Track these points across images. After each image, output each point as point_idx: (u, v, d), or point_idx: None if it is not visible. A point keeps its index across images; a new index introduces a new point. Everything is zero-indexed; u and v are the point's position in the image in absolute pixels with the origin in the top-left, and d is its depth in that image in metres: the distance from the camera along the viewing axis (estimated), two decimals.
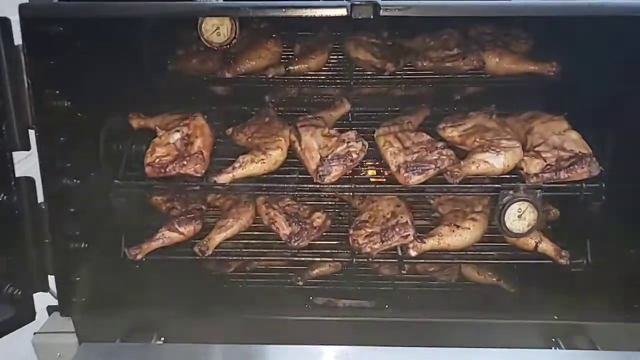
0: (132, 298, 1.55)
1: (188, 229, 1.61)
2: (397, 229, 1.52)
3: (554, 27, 1.66)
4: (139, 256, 1.56)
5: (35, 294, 1.43)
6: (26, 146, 1.33)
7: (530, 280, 1.66)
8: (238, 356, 1.38)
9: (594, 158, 1.47)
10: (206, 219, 1.70)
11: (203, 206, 1.74)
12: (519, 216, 1.47)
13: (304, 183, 1.55)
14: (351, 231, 1.59)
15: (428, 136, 1.58)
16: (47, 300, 1.51)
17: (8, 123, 1.29)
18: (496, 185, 1.50)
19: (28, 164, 1.40)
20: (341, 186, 1.53)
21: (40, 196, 1.38)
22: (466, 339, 1.46)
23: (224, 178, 1.50)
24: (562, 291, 1.55)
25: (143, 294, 1.56)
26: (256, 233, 1.72)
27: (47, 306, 1.57)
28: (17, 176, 1.34)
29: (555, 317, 1.45)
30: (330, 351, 1.37)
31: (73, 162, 1.44)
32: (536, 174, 1.47)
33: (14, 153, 1.33)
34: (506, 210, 1.46)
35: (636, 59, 1.38)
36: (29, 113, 1.30)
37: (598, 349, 1.39)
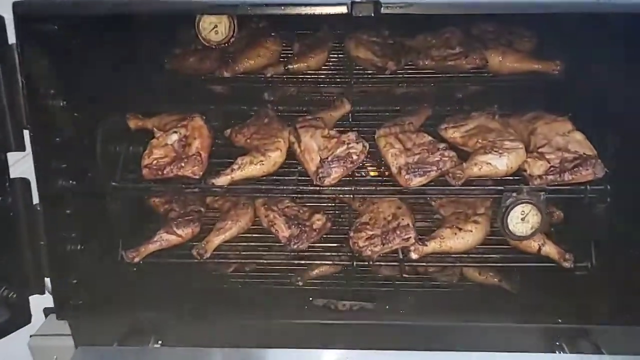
0: (129, 301, 1.53)
1: (186, 232, 1.59)
2: (398, 232, 1.51)
3: (558, 25, 1.63)
4: (137, 259, 1.54)
5: (31, 296, 1.40)
6: (21, 146, 1.31)
7: (533, 282, 1.63)
8: None
9: (599, 160, 1.44)
10: (205, 221, 1.69)
11: (201, 208, 1.72)
12: (522, 219, 1.45)
13: (304, 185, 1.53)
14: (351, 233, 1.57)
15: (429, 137, 1.56)
16: (43, 302, 1.49)
17: (2, 123, 1.27)
18: (499, 187, 1.47)
19: (24, 166, 1.38)
20: (341, 188, 1.51)
21: (35, 197, 1.36)
22: (468, 343, 1.44)
23: (223, 180, 1.48)
24: (566, 294, 1.53)
25: (140, 297, 1.55)
26: (255, 235, 1.70)
27: (44, 308, 1.56)
28: (12, 177, 1.32)
29: (559, 321, 1.43)
30: (331, 355, 1.35)
31: (69, 163, 1.42)
32: (540, 176, 1.45)
33: (9, 154, 1.31)
34: (509, 212, 1.44)
35: None
36: (24, 113, 1.27)
37: (603, 353, 1.36)
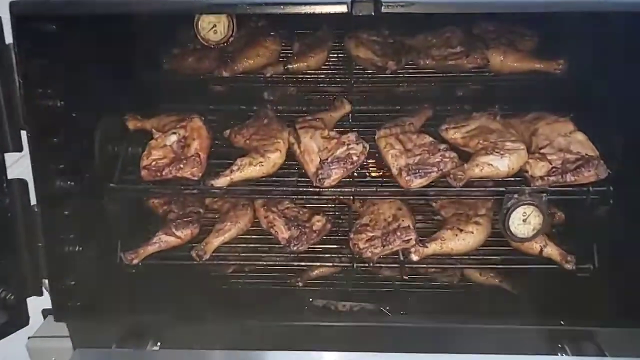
0: (128, 303, 1.52)
1: (185, 233, 1.58)
2: (399, 233, 1.49)
3: (560, 24, 1.62)
4: (135, 261, 1.53)
5: (29, 298, 1.39)
6: (18, 147, 1.30)
7: (535, 284, 1.62)
8: None
9: (602, 160, 1.43)
10: (204, 222, 1.67)
11: (201, 209, 1.71)
12: (524, 220, 1.44)
13: (304, 186, 1.51)
14: (352, 235, 1.56)
15: (430, 138, 1.55)
16: (42, 303, 1.48)
17: None
18: (500, 188, 1.46)
19: (21, 167, 1.37)
20: (341, 189, 1.50)
21: (33, 198, 1.35)
22: (470, 345, 1.43)
23: (222, 181, 1.46)
24: (569, 296, 1.52)
25: (139, 299, 1.53)
26: (254, 237, 1.69)
27: (42, 309, 1.55)
28: (10, 178, 1.31)
29: (561, 323, 1.42)
30: (331, 357, 1.34)
31: (67, 164, 1.41)
32: (541, 177, 1.43)
33: (7, 155, 1.29)
34: (511, 214, 1.42)
35: None
36: (21, 113, 1.26)
37: (606, 356, 1.35)
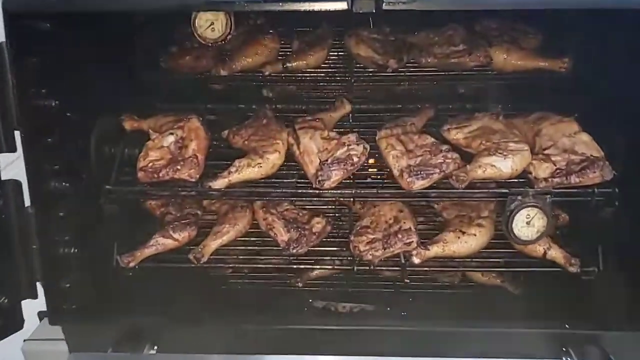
0: (124, 306, 1.51)
1: (183, 235, 1.56)
2: (400, 236, 1.47)
3: (564, 21, 1.60)
4: (132, 264, 1.51)
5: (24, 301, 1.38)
6: (12, 148, 1.29)
7: (540, 287, 1.60)
8: None
9: (607, 162, 1.41)
10: (202, 224, 1.65)
11: (198, 211, 1.69)
12: (528, 222, 1.41)
13: (303, 188, 1.49)
14: (352, 237, 1.54)
15: (432, 138, 1.52)
16: (38, 305, 1.46)
17: None
18: (503, 190, 1.43)
19: (16, 168, 1.35)
20: (342, 191, 1.47)
21: (27, 200, 1.33)
22: (473, 349, 1.42)
23: (220, 183, 1.44)
24: (574, 299, 1.50)
25: (135, 302, 1.52)
26: (253, 239, 1.67)
27: (38, 312, 1.53)
28: (4, 179, 1.29)
29: (566, 326, 1.40)
30: None
31: (62, 165, 1.39)
32: (545, 179, 1.41)
33: (0, 155, 1.28)
34: (514, 216, 1.40)
35: None
36: (14, 113, 1.24)
37: None
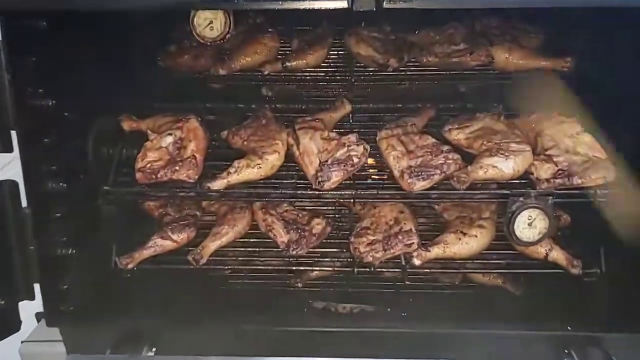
0: (123, 307, 1.50)
1: (181, 237, 1.56)
2: (401, 237, 1.46)
3: (568, 20, 1.58)
4: (130, 265, 1.50)
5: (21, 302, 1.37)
6: (8, 148, 1.27)
7: (541, 289, 1.59)
8: None
9: (609, 162, 1.40)
10: (201, 225, 1.64)
11: (197, 212, 1.68)
12: (529, 224, 1.41)
13: (303, 189, 1.48)
14: (352, 239, 1.53)
15: (433, 139, 1.51)
16: (36, 307, 1.45)
17: None
18: (505, 191, 1.42)
19: (13, 169, 1.34)
20: (342, 192, 1.46)
21: (24, 200, 1.32)
22: (474, 351, 1.41)
23: (219, 184, 1.43)
24: (576, 300, 1.49)
25: (134, 303, 1.51)
26: (252, 240, 1.66)
27: (36, 313, 1.52)
28: (0, 180, 1.28)
29: (568, 328, 1.39)
30: None
31: (59, 165, 1.38)
32: (547, 180, 1.40)
33: None
34: (516, 217, 1.39)
35: None
36: (11, 113, 1.23)
37: None
